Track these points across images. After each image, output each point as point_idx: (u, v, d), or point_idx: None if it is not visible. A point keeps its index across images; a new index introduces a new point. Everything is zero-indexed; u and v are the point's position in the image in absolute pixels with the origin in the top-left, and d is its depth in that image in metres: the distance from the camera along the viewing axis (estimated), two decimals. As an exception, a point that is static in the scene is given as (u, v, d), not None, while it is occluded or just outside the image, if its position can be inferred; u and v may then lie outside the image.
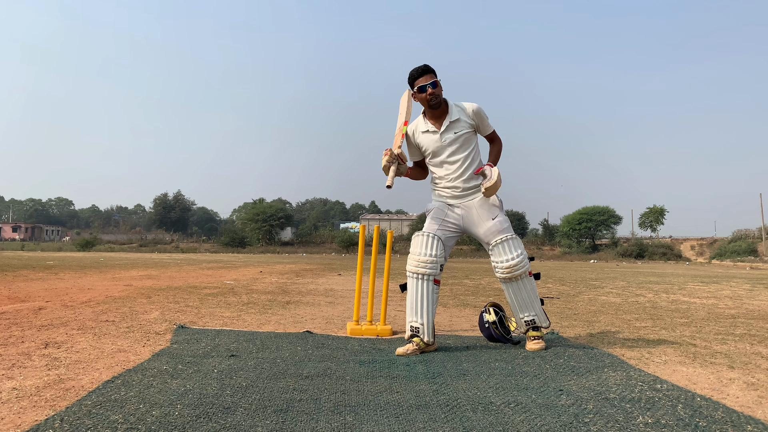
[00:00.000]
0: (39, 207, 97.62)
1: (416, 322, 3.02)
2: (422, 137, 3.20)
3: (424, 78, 3.11)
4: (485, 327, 3.36)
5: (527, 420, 1.83)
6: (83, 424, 1.70)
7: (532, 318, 3.14)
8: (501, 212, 3.15)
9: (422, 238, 3.12)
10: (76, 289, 6.64)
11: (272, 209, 51.72)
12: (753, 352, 3.17)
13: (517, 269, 3.07)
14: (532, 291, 3.15)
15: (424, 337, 3.00)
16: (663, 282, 10.48)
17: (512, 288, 3.13)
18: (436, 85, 3.11)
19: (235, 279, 9.18)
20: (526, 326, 3.17)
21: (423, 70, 3.13)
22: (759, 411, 1.99)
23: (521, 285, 3.12)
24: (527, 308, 3.14)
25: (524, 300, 3.13)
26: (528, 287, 3.13)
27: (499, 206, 3.16)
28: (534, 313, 3.14)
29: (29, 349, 2.86)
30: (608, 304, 5.99)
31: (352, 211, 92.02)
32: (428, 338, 3.01)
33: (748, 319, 4.75)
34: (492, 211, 3.13)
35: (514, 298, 3.15)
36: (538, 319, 3.15)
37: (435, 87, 3.10)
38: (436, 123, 3.17)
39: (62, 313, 4.28)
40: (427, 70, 3.13)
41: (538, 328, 3.16)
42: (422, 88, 3.11)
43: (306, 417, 1.82)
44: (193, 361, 2.62)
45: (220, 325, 3.89)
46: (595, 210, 47.21)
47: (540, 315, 3.16)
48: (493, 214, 3.12)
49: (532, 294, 3.14)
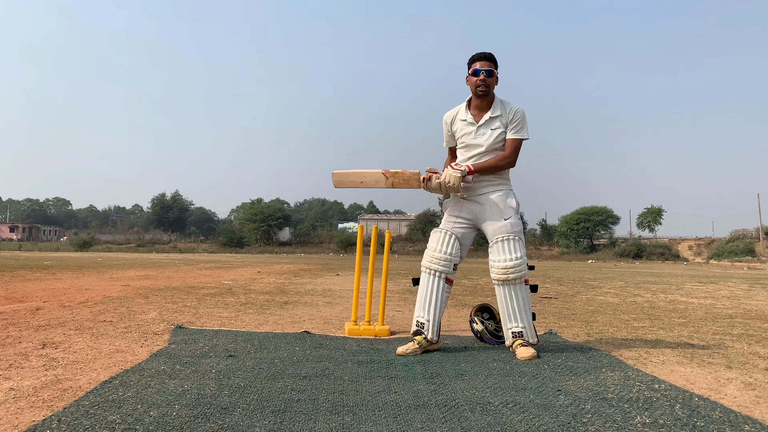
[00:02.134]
0: (36, 207, 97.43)
1: (422, 318, 3.02)
2: (459, 125, 3.14)
3: (483, 63, 3.04)
4: (477, 336, 3.36)
5: (525, 420, 1.83)
6: (81, 424, 1.69)
7: (520, 330, 2.96)
8: (515, 215, 3.05)
9: (439, 234, 3.09)
10: (74, 289, 6.63)
11: (270, 209, 51.70)
12: (750, 352, 3.17)
13: (513, 272, 2.95)
14: (525, 301, 2.99)
15: (428, 335, 2.99)
16: (661, 282, 10.50)
17: (505, 292, 2.99)
18: (491, 75, 3.04)
19: (233, 279, 9.18)
20: (512, 338, 2.98)
21: (485, 56, 3.07)
22: (756, 411, 2.00)
23: (515, 291, 2.97)
24: (517, 318, 2.97)
25: (515, 309, 2.97)
26: (521, 296, 2.98)
27: (515, 208, 3.07)
28: (523, 325, 2.96)
29: (26, 349, 2.85)
30: (606, 304, 6.00)
31: (351, 211, 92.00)
32: (432, 335, 3.00)
33: (745, 319, 4.76)
34: (507, 211, 3.04)
35: (506, 305, 3.00)
36: (526, 333, 2.96)
37: (489, 76, 3.03)
38: (477, 115, 3.10)
39: (60, 313, 4.27)
40: (489, 57, 3.07)
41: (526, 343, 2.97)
42: (477, 71, 3.03)
43: (304, 417, 1.82)
44: (191, 362, 2.62)
45: (218, 325, 3.88)
46: (593, 210, 47.32)
47: (529, 329, 2.97)
48: (507, 215, 3.03)
49: (524, 304, 2.98)
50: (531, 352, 2.87)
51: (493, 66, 3.06)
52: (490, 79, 3.04)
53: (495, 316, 3.35)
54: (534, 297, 6.68)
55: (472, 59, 3.09)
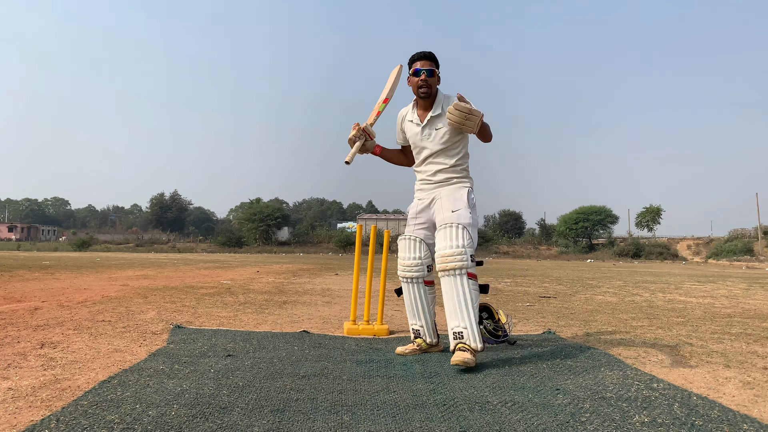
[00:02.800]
0: (35, 207, 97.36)
1: (416, 324, 3.02)
2: (407, 126, 3.07)
3: (423, 63, 2.95)
4: None
5: (524, 419, 1.83)
6: (79, 424, 1.69)
7: (460, 331, 2.64)
8: (465, 208, 2.84)
9: (404, 242, 3.03)
10: (73, 289, 6.62)
11: (269, 209, 51.68)
12: (749, 351, 3.17)
13: (450, 261, 2.68)
14: (468, 297, 2.66)
15: (426, 338, 3.00)
16: (659, 281, 10.50)
17: (446, 285, 2.71)
18: (432, 74, 2.94)
19: (232, 279, 9.17)
20: (453, 339, 2.67)
21: (425, 55, 2.98)
22: (755, 410, 2.00)
23: (456, 285, 2.68)
24: (458, 316, 2.66)
25: (456, 305, 2.67)
26: (463, 291, 2.66)
27: (465, 202, 2.87)
28: (465, 325, 2.63)
29: (25, 349, 2.85)
30: (605, 303, 6.00)
31: (350, 211, 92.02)
32: (430, 339, 3.01)
33: (744, 318, 4.77)
34: (456, 203, 2.86)
35: (447, 299, 2.71)
36: (467, 335, 2.62)
37: (431, 76, 2.94)
38: (422, 115, 3.01)
39: (58, 313, 4.26)
40: (429, 56, 2.98)
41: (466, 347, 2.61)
42: (417, 71, 2.94)
43: (303, 417, 1.82)
44: (190, 361, 2.61)
45: (216, 325, 3.88)
46: (591, 210, 47.39)
47: (471, 331, 2.62)
48: (456, 207, 2.84)
49: (467, 301, 2.66)
50: (464, 357, 2.53)
51: (434, 65, 2.97)
52: (432, 78, 2.94)
53: (493, 315, 3.35)
54: (533, 297, 6.68)
55: (412, 59, 3.01)
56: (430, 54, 3.00)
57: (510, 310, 5.09)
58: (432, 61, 2.98)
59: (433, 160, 3.00)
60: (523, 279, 10.74)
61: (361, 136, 3.00)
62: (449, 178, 2.98)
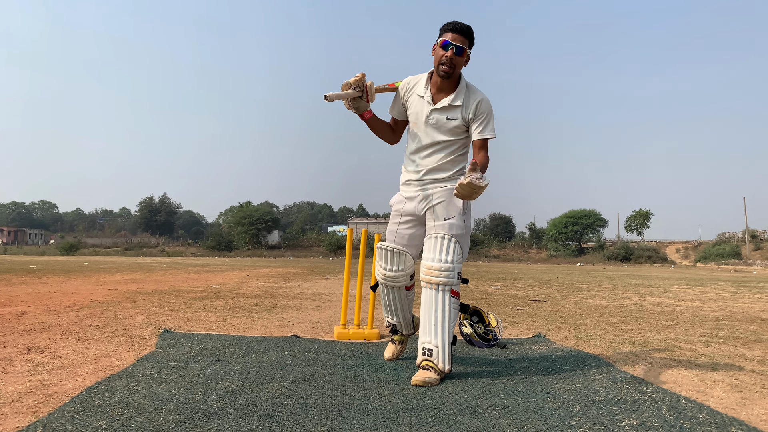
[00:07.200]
0: (22, 210, 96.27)
1: (392, 320, 2.93)
2: (414, 100, 2.71)
3: (456, 37, 2.54)
4: (466, 339, 3.36)
5: (514, 423, 1.84)
6: (66, 430, 1.67)
7: (431, 348, 2.48)
8: (459, 217, 2.61)
9: (383, 252, 2.74)
10: (60, 293, 6.56)
11: (259, 212, 51.52)
12: (737, 354, 3.20)
13: (437, 275, 2.53)
14: (447, 315, 2.51)
15: (403, 331, 2.97)
16: (649, 285, 10.58)
17: (426, 297, 2.56)
18: (461, 53, 2.54)
19: (222, 283, 9.12)
20: (421, 355, 2.51)
21: (460, 28, 2.55)
22: (743, 412, 2.01)
23: (436, 300, 2.53)
24: (431, 333, 2.51)
25: (432, 321, 2.52)
26: (443, 308, 2.51)
27: (461, 209, 2.63)
28: (436, 343, 2.48)
29: (11, 354, 2.81)
30: (594, 307, 6.03)
31: (340, 215, 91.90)
32: (407, 331, 2.98)
33: (732, 321, 4.81)
34: (450, 210, 2.62)
35: (424, 312, 2.56)
36: (436, 354, 2.47)
37: (459, 54, 2.54)
38: (436, 95, 2.66)
39: (45, 317, 4.22)
40: (464, 31, 2.56)
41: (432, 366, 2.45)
42: (446, 44, 2.54)
43: (293, 422, 1.81)
44: (179, 366, 2.59)
45: (206, 329, 3.86)
46: (581, 213, 47.73)
47: (442, 351, 2.47)
48: (450, 215, 2.61)
49: (444, 319, 2.51)
50: (426, 376, 2.38)
51: (467, 43, 2.58)
52: (459, 58, 2.55)
53: (484, 319, 3.35)
54: (523, 300, 6.70)
55: (444, 28, 2.58)
56: (467, 28, 2.57)
57: (500, 314, 5.10)
58: (466, 38, 2.57)
59: (432, 150, 2.67)
60: (513, 282, 10.77)
61: (357, 88, 2.62)
62: (446, 177, 2.67)
